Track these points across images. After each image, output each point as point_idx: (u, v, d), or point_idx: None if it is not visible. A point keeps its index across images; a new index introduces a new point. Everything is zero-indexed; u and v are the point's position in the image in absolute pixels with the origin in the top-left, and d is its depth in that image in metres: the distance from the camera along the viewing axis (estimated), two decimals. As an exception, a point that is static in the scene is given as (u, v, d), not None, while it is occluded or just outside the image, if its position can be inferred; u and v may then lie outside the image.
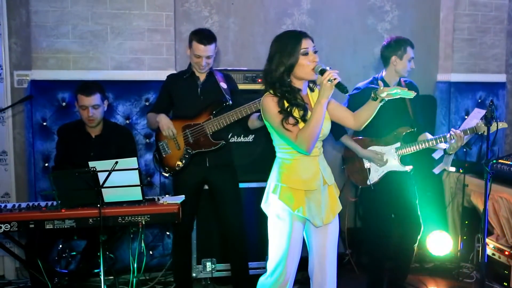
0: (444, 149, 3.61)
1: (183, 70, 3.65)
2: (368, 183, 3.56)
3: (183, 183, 3.54)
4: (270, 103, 2.53)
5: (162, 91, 3.66)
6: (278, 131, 2.57)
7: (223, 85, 3.51)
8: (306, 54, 2.50)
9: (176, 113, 3.60)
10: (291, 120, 2.51)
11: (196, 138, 3.46)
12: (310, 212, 2.61)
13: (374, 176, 3.58)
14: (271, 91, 2.55)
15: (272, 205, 2.65)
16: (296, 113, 2.54)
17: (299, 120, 2.54)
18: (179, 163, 3.48)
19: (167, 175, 3.59)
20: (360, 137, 3.62)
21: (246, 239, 3.69)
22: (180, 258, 3.72)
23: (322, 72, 2.44)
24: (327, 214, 2.67)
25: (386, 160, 3.56)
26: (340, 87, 2.41)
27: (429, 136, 3.63)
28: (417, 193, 3.68)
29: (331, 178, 2.73)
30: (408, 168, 3.58)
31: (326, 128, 2.65)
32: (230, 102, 3.44)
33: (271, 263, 2.67)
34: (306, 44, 2.50)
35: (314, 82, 2.68)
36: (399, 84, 3.62)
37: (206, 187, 3.68)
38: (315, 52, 2.54)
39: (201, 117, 3.46)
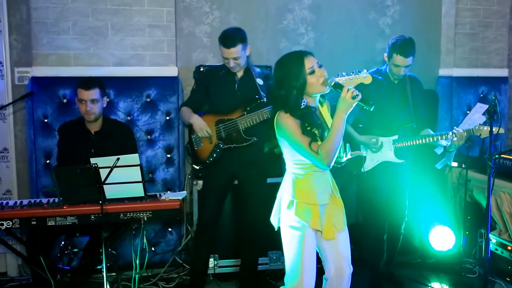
0: (444, 146, 3.62)
1: (219, 65, 3.65)
2: (362, 170, 3.63)
3: (213, 178, 3.60)
4: (291, 124, 2.52)
5: (199, 85, 3.69)
6: (299, 150, 2.55)
7: (259, 81, 3.54)
8: (312, 72, 2.51)
9: (211, 106, 3.63)
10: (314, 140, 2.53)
11: (228, 133, 3.49)
12: (322, 226, 2.63)
13: (369, 164, 3.65)
14: (287, 112, 2.53)
15: (286, 219, 2.64)
16: (315, 131, 2.55)
17: (318, 139, 2.54)
18: (210, 157, 3.50)
19: (197, 167, 3.62)
20: (360, 126, 3.67)
21: (260, 236, 3.71)
22: (201, 252, 3.71)
23: (337, 86, 2.46)
24: (339, 224, 2.69)
25: (381, 144, 3.61)
26: (366, 102, 2.42)
27: (431, 132, 3.64)
28: (408, 186, 3.78)
29: (337, 189, 2.75)
30: (401, 161, 3.63)
31: None
32: (265, 100, 3.46)
33: (288, 275, 2.67)
34: (309, 63, 2.52)
35: (323, 96, 2.68)
36: (403, 78, 3.66)
37: (236, 182, 3.73)
38: (320, 66, 2.55)
39: (235, 112, 3.49)
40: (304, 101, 2.55)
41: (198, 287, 3.76)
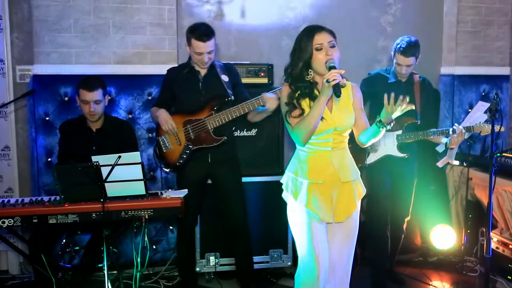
0: (445, 143, 3.63)
1: (183, 64, 3.62)
2: (366, 162, 3.67)
3: (186, 178, 3.54)
4: (284, 92, 2.62)
5: (164, 86, 3.64)
6: (284, 120, 2.64)
7: (225, 78, 3.48)
8: (319, 49, 2.51)
9: (177, 107, 3.58)
10: (295, 112, 2.56)
11: (197, 133, 3.44)
12: (315, 206, 2.58)
13: (372, 157, 3.69)
14: (289, 82, 2.61)
15: (287, 196, 2.69)
16: (306, 104, 2.56)
17: (304, 112, 2.56)
18: (180, 159, 3.47)
19: (167, 170, 3.59)
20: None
21: (249, 233, 3.70)
22: (185, 253, 3.75)
23: (330, 69, 2.44)
24: (340, 211, 2.62)
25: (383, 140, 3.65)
26: (335, 89, 2.40)
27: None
28: (415, 182, 3.80)
29: (347, 175, 2.64)
30: (403, 155, 3.65)
31: (345, 122, 2.61)
32: (232, 98, 3.42)
33: (300, 258, 2.67)
34: (320, 39, 2.51)
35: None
36: (411, 77, 3.73)
37: (209, 181, 3.68)
38: (333, 46, 2.53)
39: (202, 112, 3.44)
40: (310, 76, 2.57)
41: (190, 285, 3.77)
